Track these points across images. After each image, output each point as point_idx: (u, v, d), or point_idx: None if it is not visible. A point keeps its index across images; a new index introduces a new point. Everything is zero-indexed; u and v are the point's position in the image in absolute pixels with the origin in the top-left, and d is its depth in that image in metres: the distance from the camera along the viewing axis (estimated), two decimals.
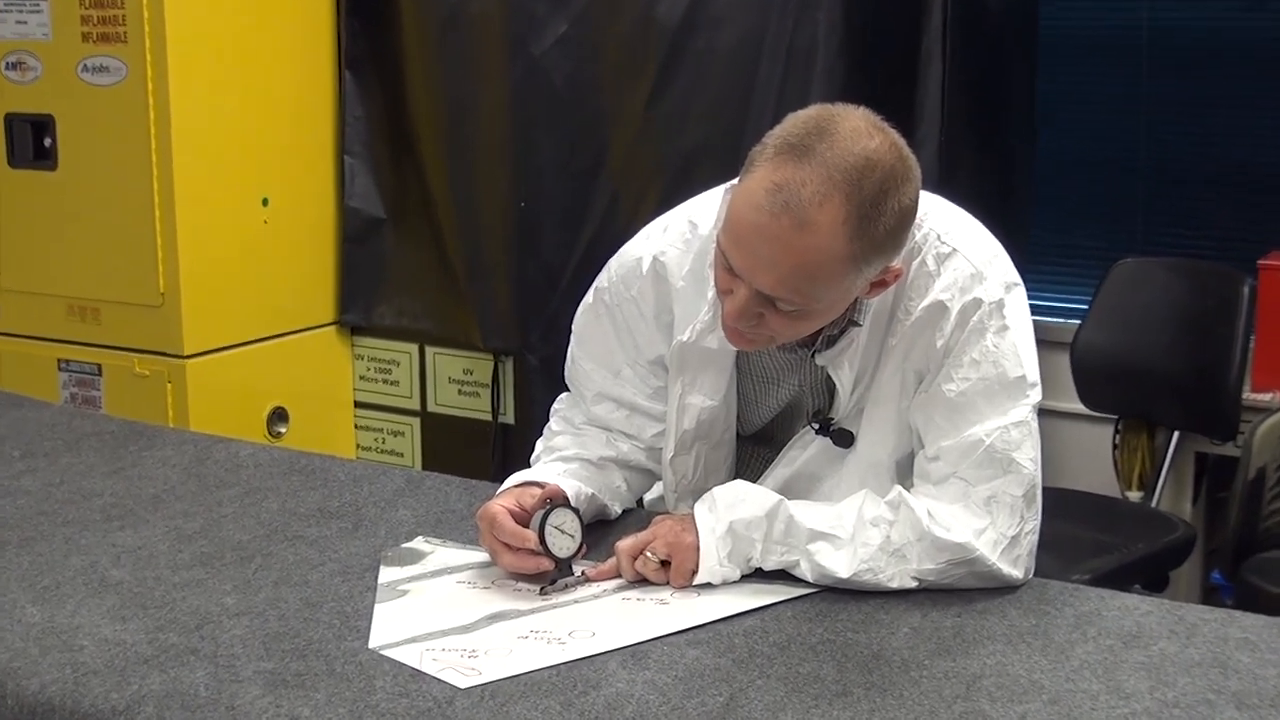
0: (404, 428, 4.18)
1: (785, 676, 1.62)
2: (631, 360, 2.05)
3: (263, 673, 1.63)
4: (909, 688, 1.59)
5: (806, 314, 1.77)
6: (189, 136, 3.62)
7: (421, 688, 1.60)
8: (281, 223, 3.91)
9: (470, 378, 4.04)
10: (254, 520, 2.12)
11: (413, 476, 2.32)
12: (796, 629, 1.74)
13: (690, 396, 1.99)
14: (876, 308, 1.87)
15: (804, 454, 1.98)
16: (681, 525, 1.87)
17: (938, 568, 1.81)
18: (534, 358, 3.87)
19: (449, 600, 1.84)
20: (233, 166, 3.75)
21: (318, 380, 4.10)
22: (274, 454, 2.44)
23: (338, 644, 1.70)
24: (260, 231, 3.85)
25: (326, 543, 2.03)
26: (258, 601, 1.83)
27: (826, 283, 1.72)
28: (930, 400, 1.87)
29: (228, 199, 3.75)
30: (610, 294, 2.04)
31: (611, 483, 2.06)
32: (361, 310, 4.12)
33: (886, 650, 1.68)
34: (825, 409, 1.98)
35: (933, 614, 1.78)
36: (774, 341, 1.85)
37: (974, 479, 1.83)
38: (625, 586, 1.87)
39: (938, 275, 1.85)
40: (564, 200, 3.77)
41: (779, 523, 1.84)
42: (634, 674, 1.62)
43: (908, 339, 1.87)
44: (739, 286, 1.75)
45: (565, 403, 2.16)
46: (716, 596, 1.82)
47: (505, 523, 1.87)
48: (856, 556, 1.82)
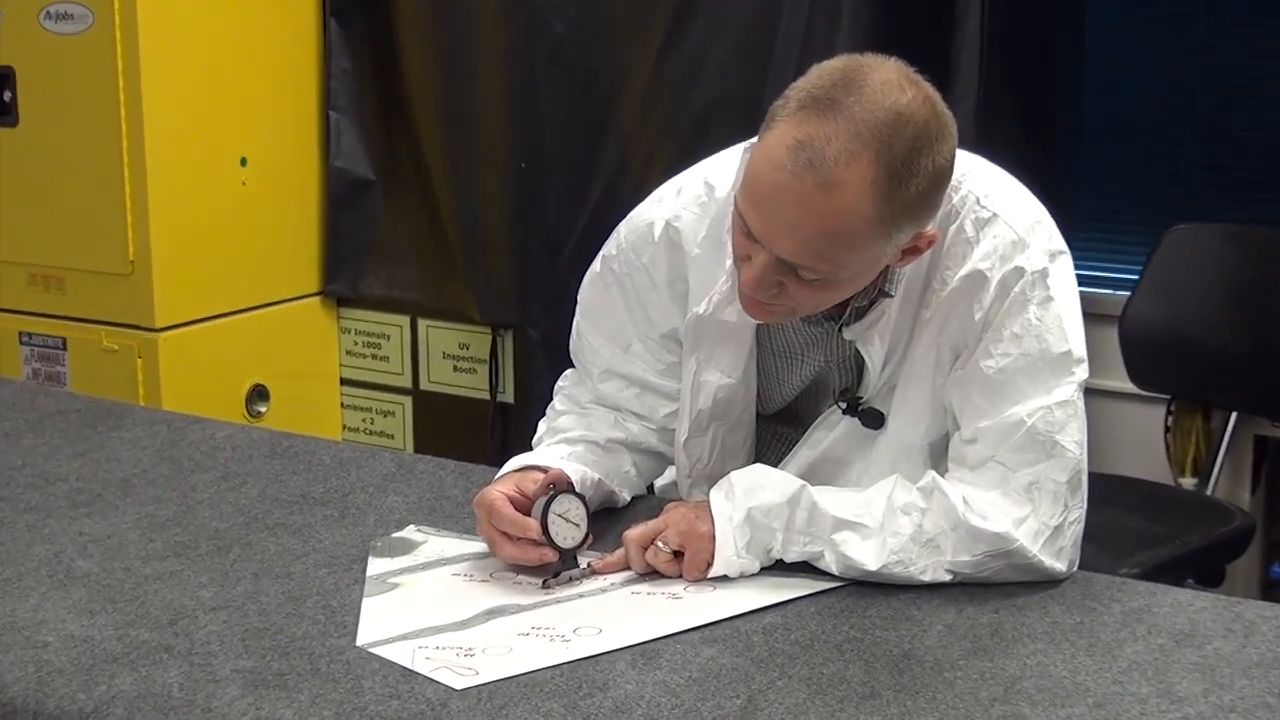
0: (394, 407, 4.18)
1: (808, 678, 1.62)
2: (642, 334, 2.05)
3: (241, 672, 1.63)
4: (942, 690, 1.59)
5: (831, 283, 1.77)
6: (161, 90, 3.62)
7: (413, 689, 1.60)
8: (261, 185, 3.90)
9: (466, 353, 4.05)
10: (232, 507, 2.12)
11: (404, 460, 2.33)
12: (820, 626, 1.74)
13: (706, 373, 1.99)
14: (909, 277, 1.87)
15: (830, 436, 1.98)
16: (696, 513, 1.87)
17: (974, 559, 1.81)
18: (535, 331, 3.87)
19: (443, 594, 1.84)
20: (208, 123, 3.75)
21: (301, 356, 4.10)
22: (253, 435, 2.44)
23: (323, 641, 1.71)
24: (238, 194, 3.85)
25: (310, 532, 2.03)
26: (236, 595, 1.83)
27: (853, 249, 1.72)
28: (967, 378, 1.87)
29: (203, 159, 3.75)
30: (619, 262, 2.04)
31: (620, 467, 2.07)
32: (348, 280, 4.13)
33: (918, 649, 1.68)
34: (853, 387, 1.98)
35: (968, 610, 1.78)
36: (795, 313, 1.84)
37: (1014, 463, 1.83)
38: (634, 580, 1.87)
39: (976, 242, 1.85)
40: (568, 160, 3.77)
41: (802, 510, 1.84)
42: (644, 674, 1.63)
43: (943, 311, 1.87)
44: (758, 253, 1.75)
45: (570, 380, 2.16)
46: (733, 591, 1.83)
47: (504, 510, 1.87)
48: (886, 547, 1.82)
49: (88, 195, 3.66)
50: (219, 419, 2.58)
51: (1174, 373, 3.52)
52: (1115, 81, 3.84)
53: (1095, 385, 2.11)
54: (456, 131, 3.89)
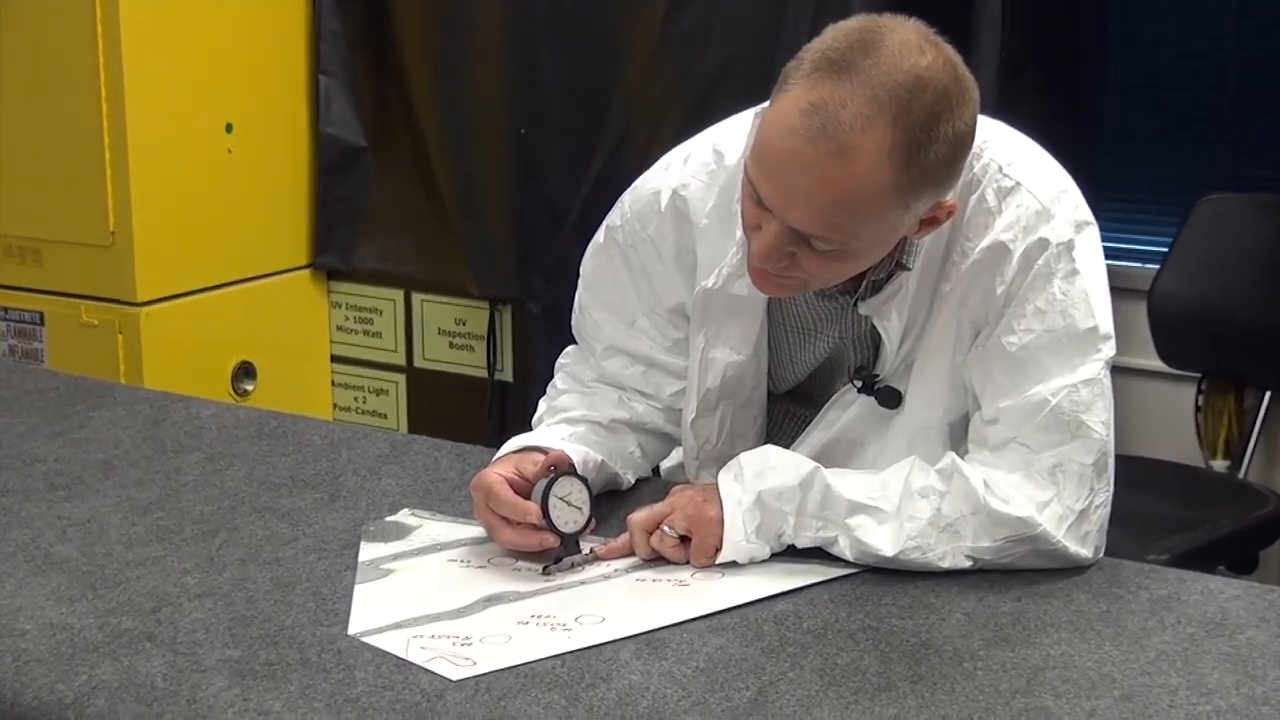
0: (388, 385, 4.18)
1: (821, 668, 1.62)
2: (648, 309, 2.05)
3: (228, 662, 1.63)
4: (961, 681, 1.59)
5: (845, 254, 1.76)
6: (142, 54, 3.61)
7: (408, 679, 1.60)
8: (248, 152, 3.90)
9: (463, 329, 4.04)
10: (217, 490, 2.12)
11: (398, 441, 2.33)
12: (834, 614, 1.74)
13: (715, 350, 1.99)
14: (928, 249, 1.87)
15: (844, 415, 1.98)
16: (703, 496, 1.87)
17: (995, 545, 1.81)
18: (535, 306, 3.87)
19: (439, 581, 1.84)
20: (192, 88, 3.75)
21: (289, 331, 4.10)
22: (240, 415, 2.44)
23: (313, 630, 1.71)
24: (223, 162, 3.85)
25: (300, 515, 2.03)
26: (222, 581, 1.83)
27: (868, 219, 1.72)
28: (988, 355, 1.86)
29: (187, 125, 3.74)
30: (624, 233, 2.04)
31: (624, 448, 2.07)
32: (339, 252, 4.12)
33: (936, 639, 1.68)
34: (869, 364, 1.98)
35: (989, 598, 1.78)
36: (807, 286, 1.84)
37: (1037, 445, 1.83)
38: (639, 566, 1.87)
39: (999, 212, 1.85)
40: (570, 126, 3.76)
41: (814, 493, 1.84)
42: (649, 665, 1.63)
43: (964, 285, 1.87)
44: (768, 222, 1.75)
45: (572, 357, 2.16)
46: (743, 577, 1.83)
47: (503, 493, 1.87)
48: (903, 532, 1.82)
49: (66, 163, 3.66)
50: (204, 397, 2.57)
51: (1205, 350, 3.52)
52: (1144, 45, 3.83)
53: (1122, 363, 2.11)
54: (452, 96, 3.89)
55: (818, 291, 1.93)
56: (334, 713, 1.53)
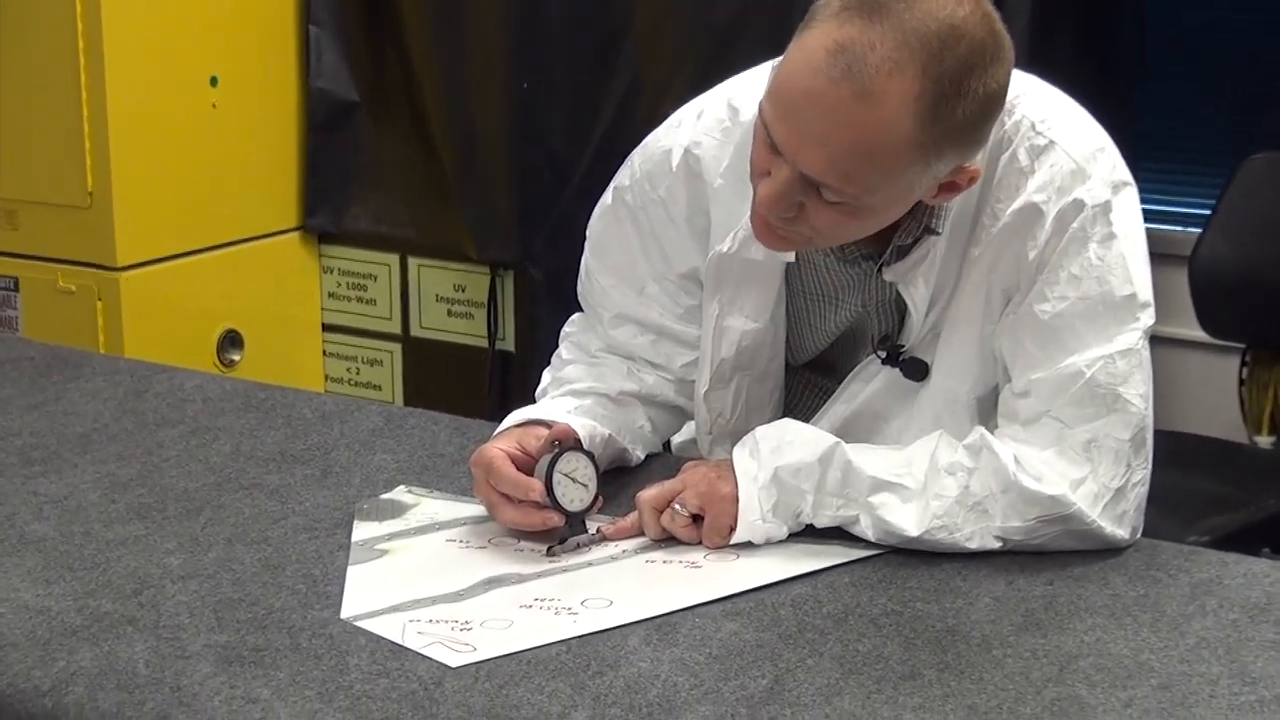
0: (382, 355, 4.18)
1: (841, 655, 1.62)
2: (658, 274, 2.05)
3: (214, 647, 1.64)
4: (990, 669, 1.59)
5: (856, 209, 1.76)
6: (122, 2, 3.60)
7: (404, 666, 1.60)
8: (233, 107, 3.90)
9: (462, 295, 4.04)
10: (202, 465, 2.13)
11: (393, 414, 2.33)
12: (855, 598, 1.74)
13: (730, 318, 1.99)
14: (957, 212, 1.87)
15: (867, 388, 1.98)
16: (717, 473, 1.87)
17: (1026, 525, 1.82)
18: (539, 271, 3.87)
19: (437, 562, 1.85)
20: (174, 39, 3.74)
21: (278, 298, 4.10)
22: (226, 386, 2.45)
23: (303, 614, 1.71)
24: (208, 118, 3.85)
25: (290, 492, 2.04)
26: (207, 562, 1.84)
27: (885, 171, 1.72)
28: (1020, 323, 1.86)
29: (168, 77, 3.74)
30: (633, 194, 2.04)
31: (633, 422, 2.07)
32: (330, 214, 4.12)
33: (963, 624, 1.68)
34: (894, 334, 1.98)
35: (1019, 581, 1.78)
36: (811, 242, 1.84)
37: (1071, 419, 1.83)
38: (649, 546, 1.88)
39: (1031, 172, 1.85)
40: (575, 81, 3.76)
41: (835, 470, 1.84)
42: (659, 651, 1.63)
43: (994, 249, 1.86)
44: (779, 167, 1.74)
45: (578, 325, 2.16)
46: (758, 559, 1.83)
47: (505, 469, 1.87)
48: (928, 511, 1.82)
49: (41, 119, 3.65)
50: (188, 368, 2.58)
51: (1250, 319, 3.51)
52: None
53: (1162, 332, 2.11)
54: (451, 47, 3.88)
55: (839, 256, 1.93)
56: (326, 701, 1.53)
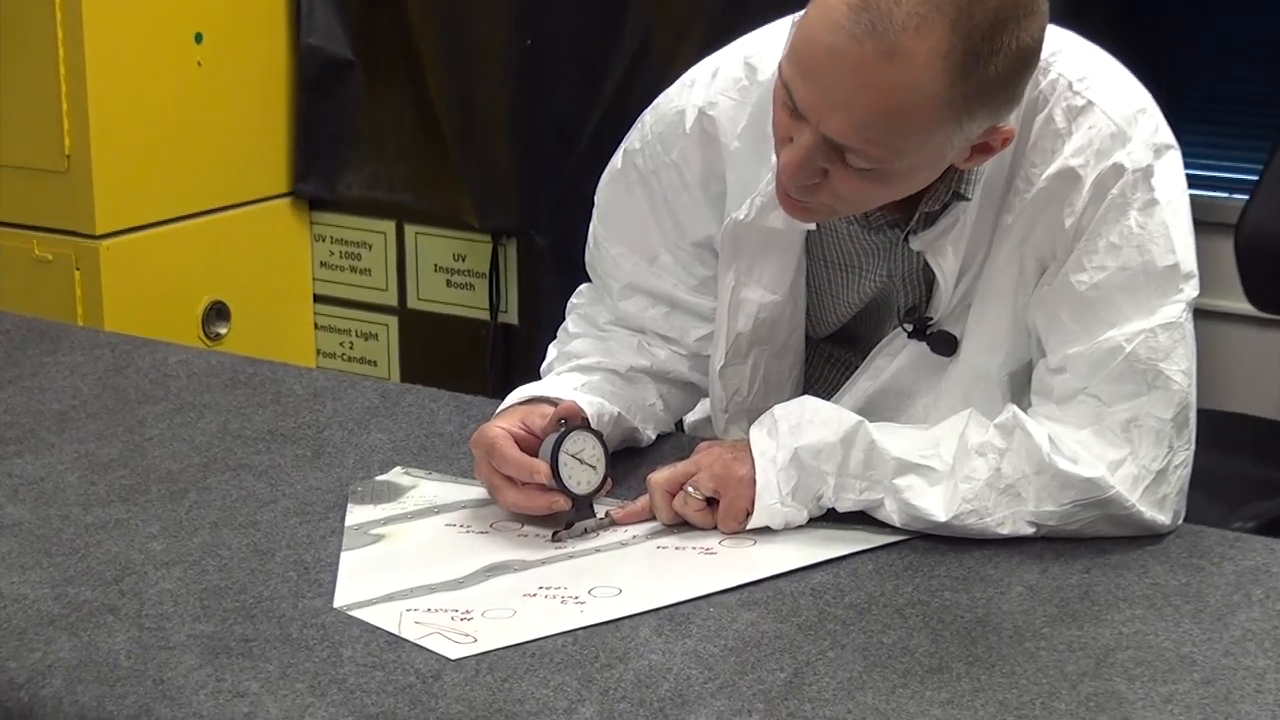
0: (377, 328, 4.18)
1: (864, 647, 1.62)
2: (671, 243, 2.05)
3: (199, 637, 1.64)
4: (1022, 662, 1.59)
5: (883, 175, 1.76)
6: None
7: (400, 658, 1.61)
8: (220, 66, 3.89)
9: (462, 265, 4.04)
10: (187, 445, 2.13)
11: (389, 391, 2.33)
12: (879, 587, 1.75)
13: (747, 289, 1.99)
14: (989, 177, 1.87)
15: (892, 363, 1.98)
16: (733, 454, 1.87)
17: (1061, 509, 1.82)
18: (544, 239, 3.86)
19: (435, 548, 1.85)
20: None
21: (267, 268, 4.10)
22: (212, 361, 2.45)
23: (294, 602, 1.72)
24: (193, 76, 3.84)
25: (279, 474, 2.04)
26: (192, 547, 1.84)
27: (913, 135, 1.71)
28: (1055, 295, 1.86)
29: (151, 34, 3.73)
30: (644, 157, 2.04)
31: (644, 399, 2.07)
32: (322, 179, 4.12)
33: (994, 615, 1.69)
34: (921, 306, 1.98)
35: (1054, 569, 1.78)
36: (835, 211, 1.84)
37: (1110, 397, 1.83)
38: (660, 532, 1.88)
39: (1068, 134, 1.84)
40: (582, 38, 3.75)
41: (858, 450, 1.85)
42: (671, 643, 1.63)
43: (1028, 216, 1.86)
44: (802, 132, 1.74)
45: (585, 297, 2.17)
46: (777, 545, 1.83)
47: (507, 450, 1.87)
48: (957, 494, 1.82)
49: (14, 78, 3.65)
50: (171, 341, 2.58)
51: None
52: None
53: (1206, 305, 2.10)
54: (450, 2, 3.87)
55: (863, 223, 1.92)
56: (317, 695, 1.54)
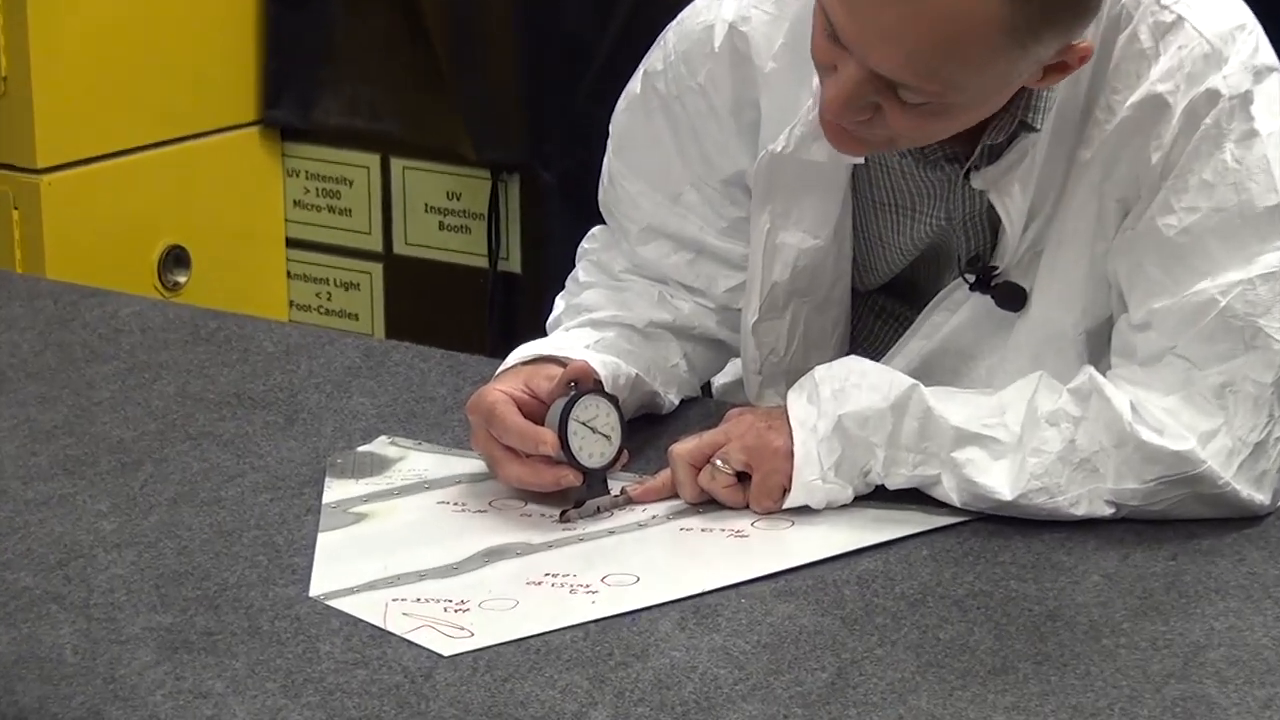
0: (360, 277, 4.18)
1: (918, 644, 1.63)
2: (697, 179, 2.05)
3: (155, 630, 1.64)
4: (1099, 662, 1.59)
5: (943, 109, 1.76)
6: None
7: (386, 655, 1.61)
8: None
9: (457, 204, 4.04)
10: (141, 410, 2.13)
11: (373, 348, 2.34)
12: (935, 576, 1.75)
13: (784, 233, 1.98)
14: (1062, 104, 1.86)
15: (952, 319, 1.98)
16: (767, 422, 1.88)
17: (1145, 487, 1.82)
18: (551, 175, 3.86)
19: (426, 529, 1.86)
20: None
21: (232, 207, 4.10)
22: (170, 314, 2.45)
23: (264, 590, 1.72)
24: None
25: (247, 443, 2.04)
26: (147, 528, 1.84)
27: (973, 64, 1.71)
28: (1140, 241, 1.86)
29: None
30: (666, 80, 2.03)
31: (665, 359, 2.07)
32: (296, 105, 4.11)
33: (1066, 608, 1.69)
34: (985, 254, 1.98)
35: (1136, 555, 1.78)
36: (894, 145, 1.84)
37: (1201, 358, 1.83)
38: (684, 511, 1.88)
39: (1155, 56, 1.84)
40: None
41: (911, 418, 1.85)
42: (696, 638, 1.64)
43: (1109, 151, 1.86)
44: (846, 62, 1.74)
45: (599, 242, 2.17)
46: (817, 527, 1.84)
47: (509, 417, 1.87)
48: (1025, 469, 1.82)
49: None
50: (123, 291, 2.58)
51: None
52: None
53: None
54: None
55: (918, 158, 1.92)
56: (291, 696, 1.54)
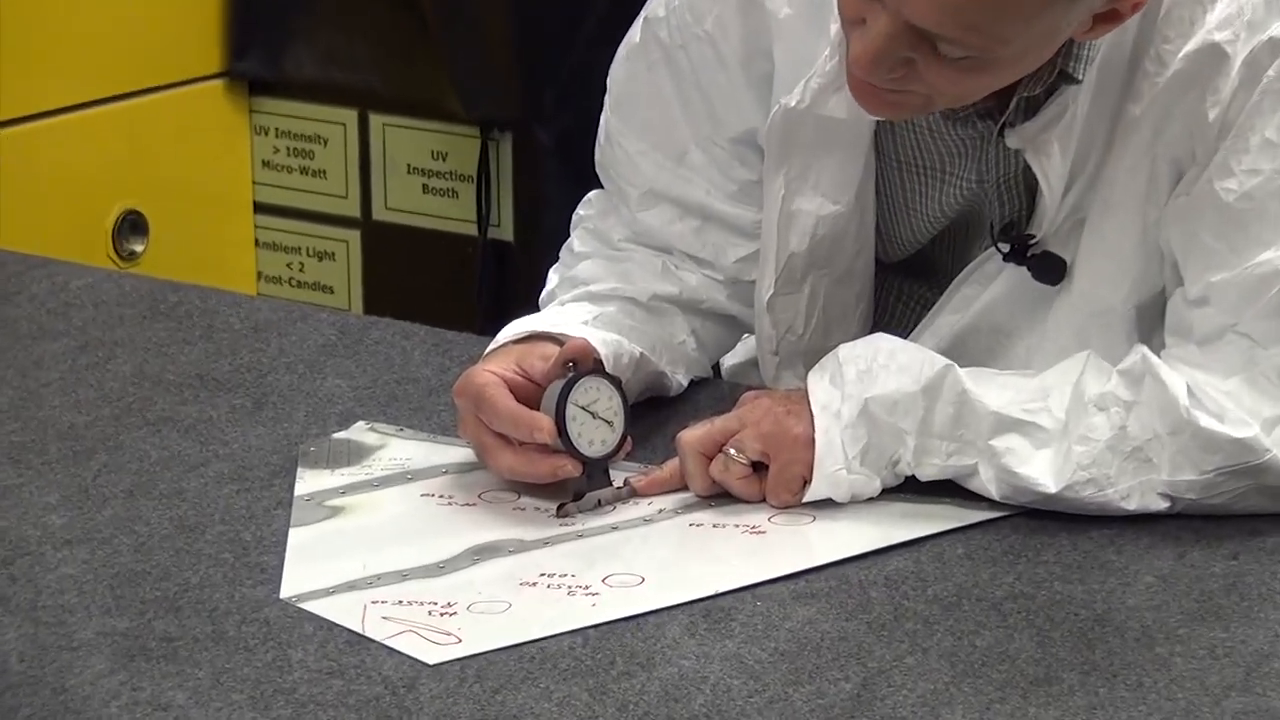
0: (335, 246, 4.19)
1: (952, 652, 1.63)
2: (704, 137, 2.05)
3: (110, 635, 1.64)
4: (1152, 672, 1.59)
5: (985, 64, 1.76)
6: None
7: (365, 663, 1.61)
8: None
9: (442, 165, 4.04)
10: (94, 392, 2.13)
11: (349, 324, 2.34)
12: (972, 577, 1.75)
13: (801, 197, 1.98)
14: (1107, 54, 1.86)
15: (985, 293, 1.99)
16: (785, 406, 1.88)
17: (1203, 479, 1.82)
18: (547, 133, 3.86)
19: (408, 524, 1.86)
20: None
21: (195, 168, 4.10)
22: (126, 286, 2.45)
23: (230, 592, 1.72)
24: None
25: (211, 429, 2.04)
26: (101, 523, 1.85)
27: (1019, 14, 1.71)
28: (1196, 207, 1.86)
29: None
30: (669, 28, 2.03)
31: (672, 336, 2.07)
32: (265, 55, 4.11)
33: (1117, 612, 1.69)
34: (1021, 221, 1.98)
35: (1193, 554, 1.78)
36: (931, 106, 1.84)
37: (1265, 336, 1.83)
38: (694, 505, 1.89)
39: (1211, 2, 1.84)
40: None
41: (945, 402, 1.84)
42: (707, 645, 1.64)
43: (1160, 106, 1.86)
44: (875, 14, 1.74)
45: (596, 207, 2.17)
46: (841, 523, 1.84)
47: (501, 400, 1.87)
48: (1071, 459, 1.82)
49: None
50: (75, 261, 2.58)
51: None
52: None
53: None
54: None
55: (946, 113, 1.92)
56: (259, 708, 1.54)
